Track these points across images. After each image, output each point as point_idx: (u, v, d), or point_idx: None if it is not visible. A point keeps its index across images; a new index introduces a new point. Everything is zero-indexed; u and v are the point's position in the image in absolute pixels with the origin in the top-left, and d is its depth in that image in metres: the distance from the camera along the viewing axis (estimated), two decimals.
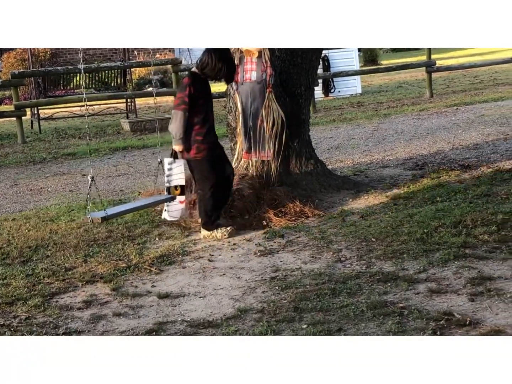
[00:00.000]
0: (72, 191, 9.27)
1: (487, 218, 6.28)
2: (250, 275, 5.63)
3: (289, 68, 7.75)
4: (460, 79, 19.42)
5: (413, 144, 10.49)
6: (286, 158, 7.62)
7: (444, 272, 5.27)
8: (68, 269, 6.06)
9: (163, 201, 7.25)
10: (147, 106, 19.08)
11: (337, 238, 6.30)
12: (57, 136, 14.77)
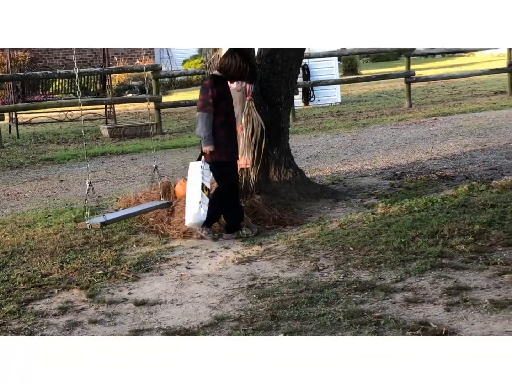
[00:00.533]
0: (50, 197, 9.22)
1: (464, 228, 6.32)
2: (228, 283, 5.62)
3: (269, 76, 7.77)
4: (439, 90, 19.56)
5: (392, 153, 10.54)
6: (265, 166, 7.62)
7: (421, 281, 5.29)
8: (44, 275, 6.01)
9: (160, 207, 7.25)
10: (126, 112, 19.03)
11: (315, 247, 6.31)
12: (35, 141, 14.69)
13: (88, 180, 6.28)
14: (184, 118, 17.34)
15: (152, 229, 7.19)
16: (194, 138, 13.59)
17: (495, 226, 6.40)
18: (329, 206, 7.61)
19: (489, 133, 11.67)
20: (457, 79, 20.07)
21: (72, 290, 5.67)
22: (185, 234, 6.94)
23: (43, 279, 5.92)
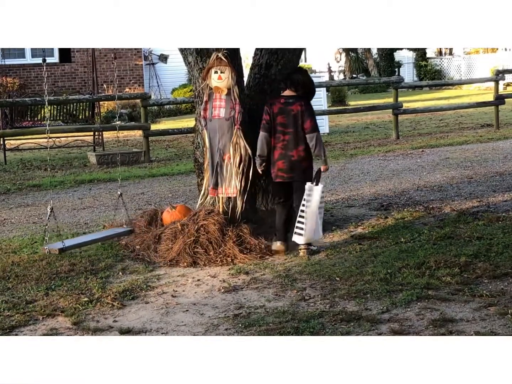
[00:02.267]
0: (36, 223, 9.18)
1: (450, 260, 6.34)
2: (214, 311, 5.60)
3: (258, 106, 7.80)
4: (426, 122, 19.69)
5: (379, 184, 10.58)
6: (253, 195, 7.63)
7: (407, 313, 5.30)
8: (29, 302, 5.97)
9: (121, 234, 7.25)
10: (114, 140, 19.04)
11: (301, 276, 6.31)
12: (22, 167, 14.65)
13: (49, 206, 6.31)
14: (172, 146, 17.36)
15: (139, 256, 7.17)
16: (181, 166, 13.62)
17: (481, 258, 6.43)
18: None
19: (475, 165, 11.75)
20: (444, 112, 20.22)
21: (57, 317, 5.63)
22: (171, 262, 6.93)
23: (28, 306, 5.88)
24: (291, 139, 7.02)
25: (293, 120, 7.02)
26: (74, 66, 25.90)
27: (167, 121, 22.50)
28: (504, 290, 5.66)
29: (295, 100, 7.08)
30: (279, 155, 7.06)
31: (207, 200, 7.49)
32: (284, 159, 7.05)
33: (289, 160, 7.04)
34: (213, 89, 7.25)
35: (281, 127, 7.04)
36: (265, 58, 7.79)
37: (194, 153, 7.97)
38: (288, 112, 7.05)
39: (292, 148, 7.03)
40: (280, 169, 7.09)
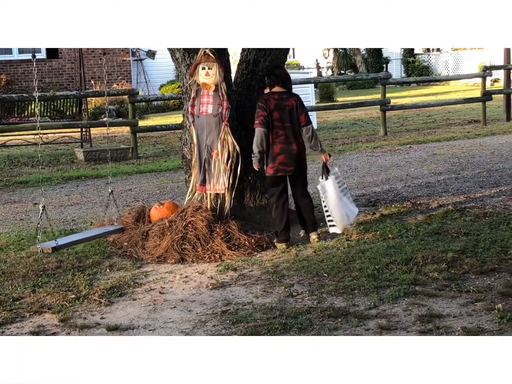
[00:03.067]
0: (23, 220, 9.14)
1: (437, 256, 6.36)
2: (201, 308, 5.59)
3: (246, 102, 7.81)
4: (414, 118, 19.73)
5: (367, 180, 10.60)
6: (241, 192, 7.63)
7: (394, 308, 5.31)
8: (16, 299, 5.95)
9: (113, 232, 7.23)
10: (102, 136, 18.98)
11: (289, 273, 6.31)
12: (9, 164, 14.58)
13: (41, 204, 6.29)
14: (160, 143, 17.33)
15: (126, 253, 7.16)
16: (169, 162, 13.60)
17: (468, 254, 6.45)
18: (304, 232, 7.62)
19: (463, 161, 11.78)
20: (432, 108, 20.28)
21: (44, 314, 5.62)
22: (159, 258, 6.92)
23: (14, 303, 5.86)
24: (290, 133, 7.18)
25: (289, 115, 7.17)
26: (61, 62, 25.81)
27: (155, 117, 22.45)
28: (491, 286, 5.68)
29: (289, 96, 7.25)
30: (280, 149, 7.16)
31: (195, 196, 7.48)
32: (285, 153, 7.16)
33: (291, 153, 7.18)
34: (201, 85, 7.23)
35: (279, 122, 7.15)
36: (253, 54, 7.78)
37: (182, 149, 7.95)
38: (284, 107, 7.16)
39: (292, 142, 7.18)
40: (281, 163, 7.17)
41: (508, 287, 5.59)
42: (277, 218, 7.27)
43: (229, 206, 7.32)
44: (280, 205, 7.28)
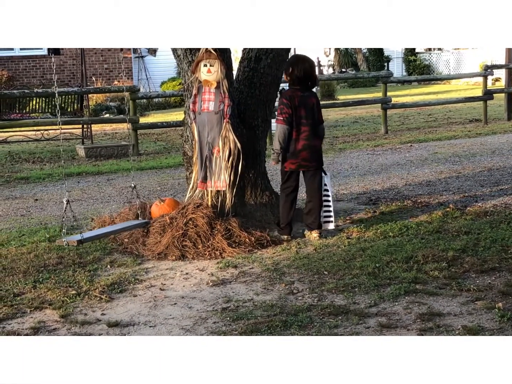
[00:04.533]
0: (24, 216, 9.15)
1: (438, 254, 6.37)
2: (202, 305, 5.60)
3: (247, 99, 7.81)
4: (415, 117, 19.72)
5: (367, 179, 10.60)
6: (242, 189, 7.63)
7: (394, 307, 5.31)
8: (17, 295, 5.96)
9: (138, 226, 7.24)
10: (103, 133, 18.99)
11: (290, 270, 6.32)
12: (10, 160, 14.60)
13: (65, 198, 6.29)
14: (161, 140, 17.33)
15: (127, 250, 7.16)
16: (170, 159, 13.61)
17: (469, 252, 6.45)
18: (305, 230, 7.62)
19: (464, 160, 11.79)
20: (433, 107, 20.27)
21: (44, 310, 5.62)
22: (159, 255, 6.93)
23: (15, 299, 5.87)
24: (312, 130, 7.30)
25: (311, 112, 7.29)
26: (62, 58, 25.80)
27: (156, 114, 22.46)
28: (492, 285, 5.69)
29: (310, 93, 7.39)
30: (303, 145, 7.25)
31: (195, 193, 7.49)
32: (308, 149, 7.27)
33: (314, 149, 7.32)
34: (202, 82, 7.23)
35: (303, 119, 7.26)
36: (254, 52, 7.78)
37: (183, 146, 7.96)
38: (307, 104, 7.29)
39: (314, 138, 7.32)
40: (304, 158, 7.26)
41: (509, 286, 5.60)
42: (284, 212, 7.36)
43: (230, 203, 7.33)
44: (289, 199, 7.37)
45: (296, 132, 7.24)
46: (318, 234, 7.30)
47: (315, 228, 7.33)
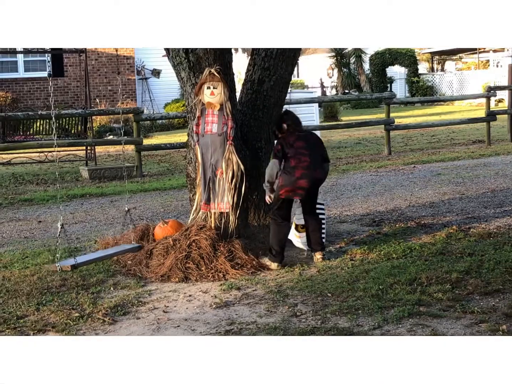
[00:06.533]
0: (27, 238, 9.16)
1: (442, 276, 6.35)
2: (205, 327, 5.59)
3: (250, 121, 7.83)
4: (418, 138, 19.75)
5: (371, 200, 10.60)
6: (245, 211, 7.64)
7: (398, 329, 5.29)
8: (20, 317, 5.95)
9: (130, 250, 7.23)
10: (107, 154, 19.04)
11: (293, 292, 6.30)
12: (14, 182, 14.63)
13: (60, 222, 6.29)
14: (165, 161, 17.37)
15: (130, 272, 7.16)
16: (174, 181, 13.62)
17: (473, 274, 6.44)
18: (308, 252, 7.61)
19: (467, 181, 11.79)
20: (436, 128, 20.32)
21: (47, 332, 5.61)
22: (163, 277, 6.92)
23: (18, 321, 5.86)
24: (313, 161, 7.24)
25: (313, 147, 7.31)
26: (66, 80, 25.94)
27: (160, 136, 22.52)
28: (496, 307, 5.67)
29: (310, 133, 7.63)
30: (302, 174, 7.17)
31: (199, 215, 7.49)
32: (307, 178, 7.19)
33: (314, 181, 7.28)
34: (206, 104, 7.26)
35: (303, 149, 7.22)
36: (258, 74, 7.81)
37: (187, 168, 7.97)
38: (308, 139, 7.36)
39: (315, 170, 7.26)
40: (301, 187, 7.14)
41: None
42: (276, 236, 7.25)
43: (233, 225, 7.33)
44: (281, 228, 7.28)
45: (295, 162, 7.12)
46: (321, 255, 7.28)
47: (318, 250, 7.32)
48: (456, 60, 45.08)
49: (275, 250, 7.20)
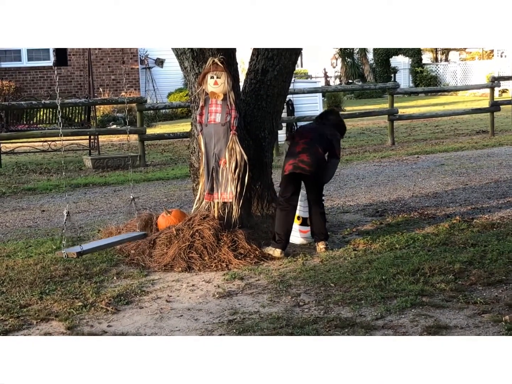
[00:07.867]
0: (31, 227, 9.17)
1: (445, 266, 6.35)
2: (208, 317, 5.59)
3: (254, 111, 7.82)
4: (422, 128, 19.72)
5: (374, 190, 10.59)
6: (248, 200, 7.63)
7: (401, 319, 5.30)
8: (23, 306, 5.96)
9: (136, 238, 7.23)
10: (110, 143, 19.04)
11: (296, 282, 6.31)
12: (17, 171, 14.63)
13: (66, 209, 6.29)
14: (168, 151, 17.37)
15: (133, 261, 7.16)
16: (177, 170, 13.62)
17: (476, 265, 6.44)
18: (311, 242, 7.62)
19: (470, 172, 11.77)
20: (440, 118, 20.27)
21: (51, 321, 5.63)
22: (166, 267, 6.93)
23: (22, 310, 5.87)
24: (317, 142, 7.43)
25: (321, 136, 7.47)
26: (70, 69, 25.90)
27: (163, 125, 22.50)
28: (498, 297, 5.67)
29: (327, 127, 7.65)
30: (303, 149, 7.33)
31: (202, 205, 7.49)
32: (308, 152, 7.32)
33: (315, 155, 7.33)
34: (209, 94, 7.25)
35: (308, 132, 7.60)
36: (261, 64, 7.80)
37: (190, 158, 7.97)
38: (318, 129, 7.59)
39: (316, 148, 7.38)
40: (302, 160, 7.25)
41: None
42: (279, 221, 7.24)
43: (236, 215, 7.33)
44: (286, 208, 7.26)
45: (299, 138, 7.38)
46: (324, 245, 7.28)
47: (321, 240, 7.32)
48: (460, 50, 44.98)
49: (278, 235, 7.18)
